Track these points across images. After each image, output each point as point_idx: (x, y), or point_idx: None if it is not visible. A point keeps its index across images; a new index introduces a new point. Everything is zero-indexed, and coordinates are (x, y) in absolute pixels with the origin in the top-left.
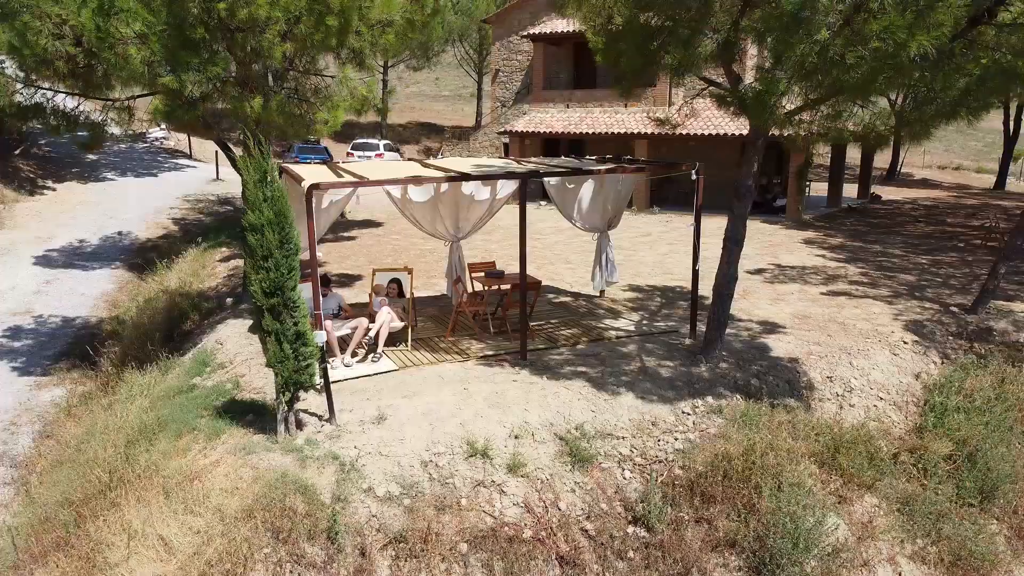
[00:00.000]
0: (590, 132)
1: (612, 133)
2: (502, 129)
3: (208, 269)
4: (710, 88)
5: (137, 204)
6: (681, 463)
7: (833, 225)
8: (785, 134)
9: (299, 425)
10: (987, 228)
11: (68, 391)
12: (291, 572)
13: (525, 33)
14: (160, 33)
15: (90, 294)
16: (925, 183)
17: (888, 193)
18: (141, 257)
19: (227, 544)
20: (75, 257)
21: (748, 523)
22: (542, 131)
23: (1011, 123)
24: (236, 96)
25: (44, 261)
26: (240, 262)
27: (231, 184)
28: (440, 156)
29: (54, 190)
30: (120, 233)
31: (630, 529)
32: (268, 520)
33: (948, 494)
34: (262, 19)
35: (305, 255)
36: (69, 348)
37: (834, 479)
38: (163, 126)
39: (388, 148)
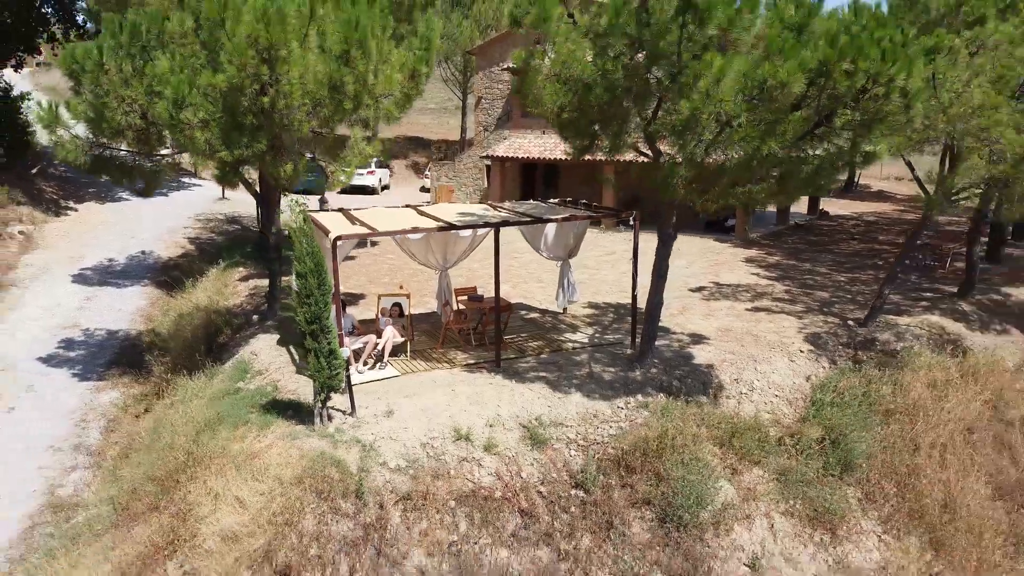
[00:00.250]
0: (564, 159)
1: (583, 160)
2: (484, 154)
3: (230, 288)
4: (641, 157)
5: (153, 224)
6: (613, 444)
7: (777, 243)
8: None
9: (330, 418)
10: (943, 255)
11: (123, 393)
12: (331, 520)
13: (505, 66)
14: (218, 119)
15: (126, 309)
16: (880, 195)
17: (839, 208)
18: (166, 275)
19: (285, 501)
20: (107, 276)
21: (659, 487)
22: (520, 156)
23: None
24: (272, 162)
25: (81, 279)
26: (259, 282)
27: (236, 203)
28: (427, 172)
29: (76, 210)
30: (143, 252)
31: (572, 491)
32: (313, 484)
33: (816, 467)
34: (295, 106)
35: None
36: (117, 357)
37: (730, 457)
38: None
39: (379, 164)
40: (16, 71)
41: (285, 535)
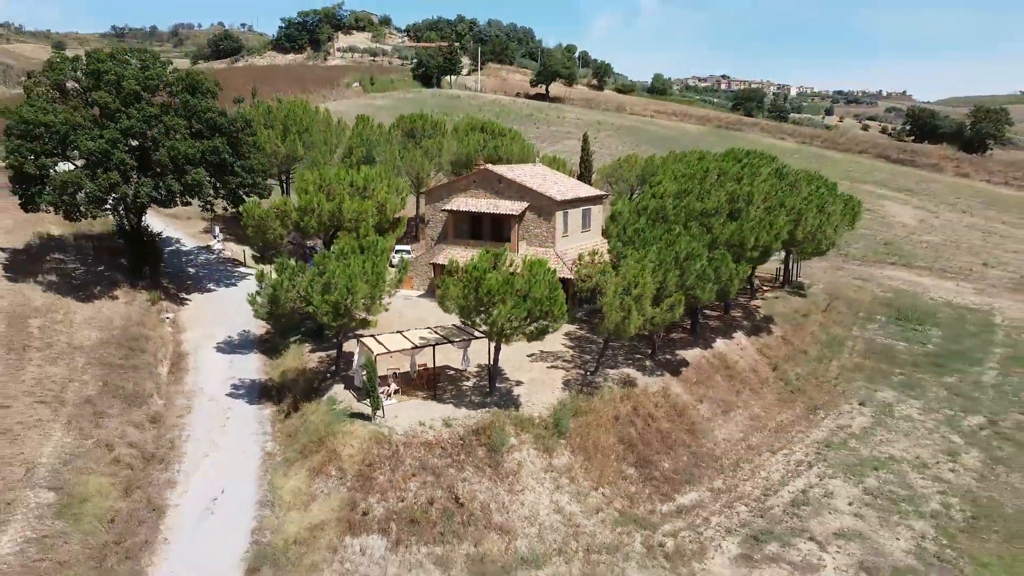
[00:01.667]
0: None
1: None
2: (431, 261)
3: (305, 356)
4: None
5: (238, 310)
6: (473, 426)
7: (590, 319)
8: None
9: (375, 418)
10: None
11: (274, 410)
12: (379, 450)
13: (443, 208)
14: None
15: (252, 367)
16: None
17: None
18: (262, 346)
19: (365, 448)
20: (233, 347)
21: (489, 438)
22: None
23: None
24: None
25: (220, 350)
26: (323, 353)
27: None
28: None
29: (191, 300)
30: (245, 331)
31: (457, 442)
32: (374, 442)
33: (549, 432)
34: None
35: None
36: (260, 392)
37: (518, 431)
38: (220, 238)
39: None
40: (166, 205)
41: (373, 455)
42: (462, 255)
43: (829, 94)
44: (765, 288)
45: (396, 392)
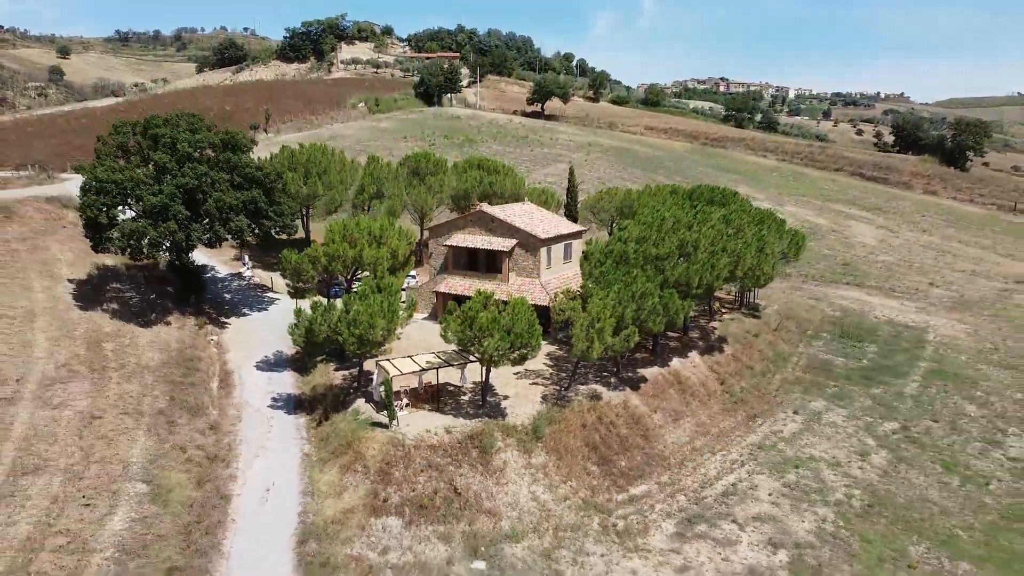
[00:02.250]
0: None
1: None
2: (434, 289)
3: (330, 374)
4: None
5: (271, 332)
6: (469, 432)
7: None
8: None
9: (391, 426)
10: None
11: (307, 419)
12: (394, 451)
13: (444, 243)
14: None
15: (287, 383)
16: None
17: None
18: (293, 365)
19: (383, 450)
20: (271, 365)
21: (482, 442)
22: (453, 292)
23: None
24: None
25: (260, 368)
26: (345, 372)
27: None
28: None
29: (229, 324)
30: (278, 351)
31: (456, 444)
32: (391, 446)
33: (529, 437)
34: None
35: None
36: (296, 404)
37: (504, 435)
38: (249, 265)
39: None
40: (212, 247)
41: (390, 455)
42: (461, 284)
43: (827, 96)
44: (724, 310)
45: (407, 405)
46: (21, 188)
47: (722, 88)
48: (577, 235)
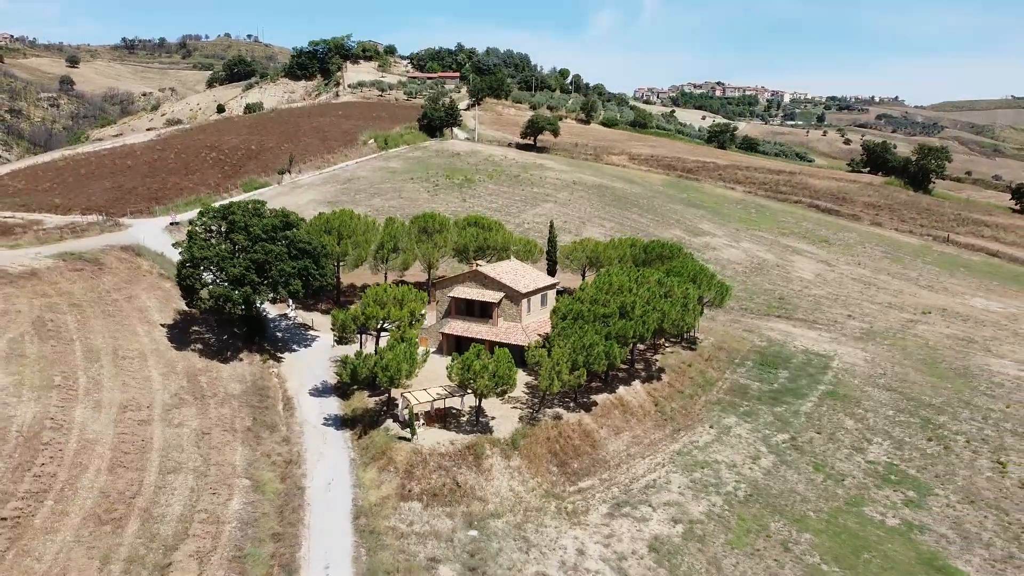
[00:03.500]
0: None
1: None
2: (440, 331)
3: (365, 400)
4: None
5: (317, 364)
6: (468, 445)
7: None
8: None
9: (412, 439)
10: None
11: (351, 433)
12: (416, 456)
13: (447, 294)
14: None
15: (334, 406)
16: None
17: None
18: (336, 392)
19: (407, 456)
20: (320, 392)
21: (474, 452)
22: (455, 333)
23: None
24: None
25: (312, 394)
26: (376, 398)
27: (346, 350)
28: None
29: (284, 359)
30: (324, 381)
31: (455, 450)
32: (412, 453)
33: (508, 449)
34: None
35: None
36: (342, 422)
37: (491, 447)
38: (293, 307)
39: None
40: (273, 304)
41: (412, 459)
42: (461, 327)
43: (822, 100)
44: (668, 344)
45: (423, 424)
46: (96, 236)
47: (718, 92)
48: (552, 287)
